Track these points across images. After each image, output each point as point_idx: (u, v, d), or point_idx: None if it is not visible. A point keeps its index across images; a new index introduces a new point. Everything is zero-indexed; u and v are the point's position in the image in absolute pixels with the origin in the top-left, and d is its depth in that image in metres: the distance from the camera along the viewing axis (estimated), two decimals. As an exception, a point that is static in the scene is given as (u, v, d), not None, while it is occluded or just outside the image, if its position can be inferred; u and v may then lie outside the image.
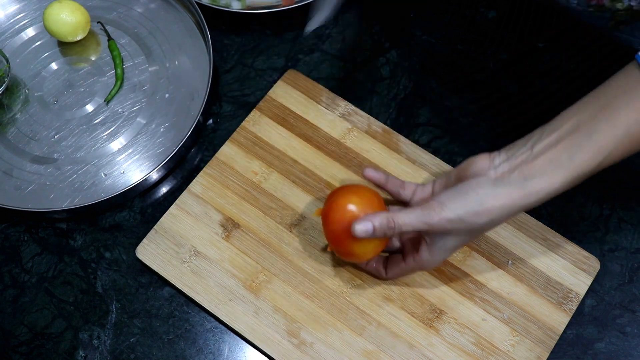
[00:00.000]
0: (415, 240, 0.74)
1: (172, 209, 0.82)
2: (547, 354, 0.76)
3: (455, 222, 0.67)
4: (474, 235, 0.71)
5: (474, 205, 0.67)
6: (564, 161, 0.66)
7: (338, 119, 0.88)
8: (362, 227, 0.69)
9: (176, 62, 0.93)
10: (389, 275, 0.77)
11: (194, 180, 0.84)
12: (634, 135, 0.65)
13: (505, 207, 0.67)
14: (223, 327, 0.78)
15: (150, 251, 0.80)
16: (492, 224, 0.68)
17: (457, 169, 0.73)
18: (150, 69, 0.93)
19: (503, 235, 0.81)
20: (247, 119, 0.87)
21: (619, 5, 0.85)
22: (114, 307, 0.80)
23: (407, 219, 0.69)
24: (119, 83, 0.91)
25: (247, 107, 0.90)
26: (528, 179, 0.66)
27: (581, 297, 0.78)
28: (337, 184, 0.84)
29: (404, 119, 0.89)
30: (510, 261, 0.80)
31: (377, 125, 0.87)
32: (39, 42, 0.95)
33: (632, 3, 0.83)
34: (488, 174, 0.68)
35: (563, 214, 0.84)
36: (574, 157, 0.66)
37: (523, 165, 0.67)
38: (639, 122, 0.64)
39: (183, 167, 0.87)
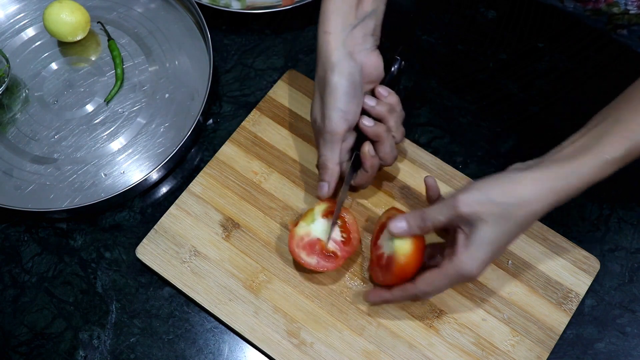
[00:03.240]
0: (452, 242, 0.71)
1: (172, 209, 0.82)
2: (547, 354, 0.76)
3: (485, 203, 0.66)
4: (510, 223, 0.67)
5: (501, 185, 0.67)
6: (592, 145, 0.66)
7: (338, 119, 0.88)
8: (397, 224, 0.70)
9: (176, 62, 0.93)
10: (420, 286, 0.70)
11: (194, 180, 0.84)
12: None
13: (534, 189, 0.66)
14: (223, 327, 0.78)
15: (150, 251, 0.80)
16: (528, 207, 0.66)
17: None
18: (150, 69, 0.93)
19: (503, 235, 0.81)
20: (247, 119, 0.87)
21: (615, 10, 0.85)
22: (114, 307, 0.80)
23: (437, 209, 0.69)
24: (119, 83, 0.91)
25: (247, 107, 0.90)
26: (556, 162, 0.67)
27: (581, 297, 0.78)
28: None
29: (404, 119, 0.89)
30: (510, 261, 0.80)
31: (377, 125, 0.87)
32: (39, 42, 0.95)
33: (629, 7, 0.83)
34: (520, 167, 0.69)
35: (563, 214, 0.84)
36: (601, 140, 0.66)
37: (551, 155, 0.68)
38: None
39: (183, 167, 0.87)
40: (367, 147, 0.75)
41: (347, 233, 0.77)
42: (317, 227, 0.78)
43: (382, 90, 0.76)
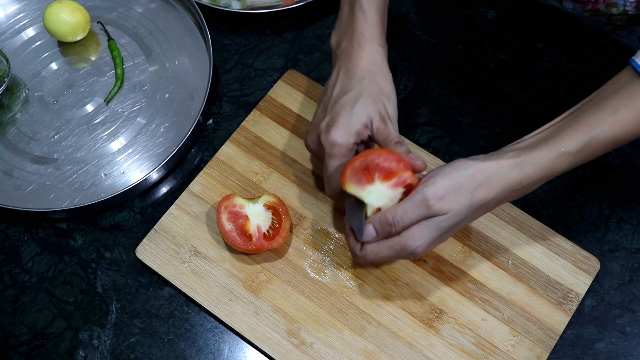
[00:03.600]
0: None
1: (172, 209, 0.82)
2: (547, 354, 0.76)
3: (451, 189, 0.66)
4: (470, 210, 0.67)
5: (465, 170, 0.67)
6: (550, 138, 0.68)
7: (338, 119, 0.88)
8: (366, 232, 0.69)
9: (176, 62, 0.93)
10: (365, 251, 0.70)
11: (194, 180, 0.84)
12: (621, 118, 0.67)
13: (493, 174, 0.67)
14: (223, 327, 0.78)
15: (150, 251, 0.80)
16: (485, 193, 0.67)
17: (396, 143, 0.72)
18: (150, 69, 0.93)
19: (503, 235, 0.81)
20: (247, 119, 0.87)
21: (614, 10, 0.85)
22: (114, 307, 0.80)
23: (405, 207, 0.67)
24: (119, 83, 0.91)
25: (247, 107, 0.90)
26: (513, 151, 0.68)
27: (581, 297, 0.78)
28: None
29: (404, 119, 0.89)
30: (510, 261, 0.80)
31: (377, 125, 0.87)
32: (39, 42, 0.95)
33: (627, 8, 0.83)
34: (478, 157, 0.70)
35: (563, 214, 0.84)
36: (559, 134, 0.68)
37: (511, 146, 0.70)
38: (628, 105, 0.67)
39: (183, 167, 0.87)
40: None
41: (276, 233, 0.78)
42: (253, 208, 0.79)
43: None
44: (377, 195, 0.70)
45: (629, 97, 0.67)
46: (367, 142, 0.75)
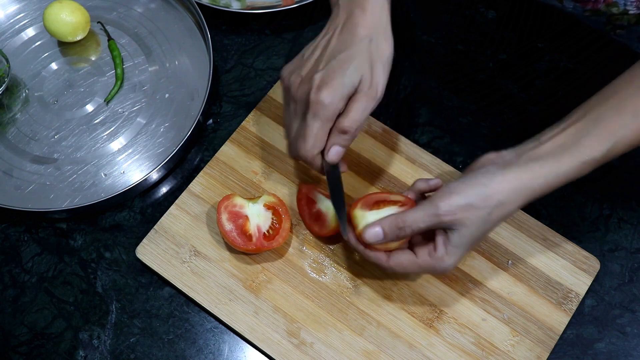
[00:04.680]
0: (428, 234, 0.71)
1: (172, 209, 0.82)
2: (547, 354, 0.76)
3: (465, 208, 0.66)
4: (488, 224, 0.68)
5: (482, 188, 0.66)
6: (571, 145, 0.66)
7: (338, 119, 0.87)
8: (372, 232, 0.69)
9: (176, 62, 0.93)
10: (392, 265, 0.71)
11: (194, 180, 0.84)
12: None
13: (513, 190, 0.66)
14: (223, 327, 0.78)
15: (150, 251, 0.80)
16: (506, 208, 0.66)
17: (467, 169, 0.71)
18: (150, 69, 0.93)
19: (503, 235, 0.81)
20: (247, 119, 0.87)
21: (614, 10, 0.85)
22: (114, 307, 0.80)
23: (416, 215, 0.67)
24: (119, 83, 0.91)
25: (247, 107, 0.90)
26: (535, 161, 0.66)
27: (581, 297, 0.78)
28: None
29: (404, 119, 0.89)
30: (510, 261, 0.80)
31: (377, 125, 0.87)
32: (39, 42, 0.95)
33: (628, 7, 0.83)
34: (496, 162, 0.68)
35: (563, 214, 0.84)
36: (580, 140, 0.66)
37: (530, 151, 0.67)
38: None
39: (183, 167, 0.87)
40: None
41: (276, 233, 0.78)
42: (253, 208, 0.79)
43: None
44: (376, 215, 0.72)
45: None
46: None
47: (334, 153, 0.70)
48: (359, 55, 0.69)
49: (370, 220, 0.71)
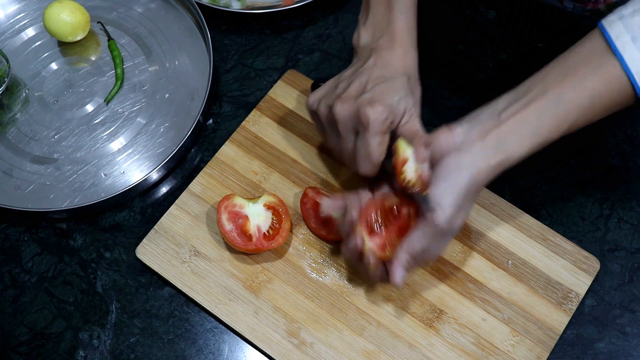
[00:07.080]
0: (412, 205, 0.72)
1: (172, 209, 0.82)
2: (547, 354, 0.76)
3: (459, 207, 0.68)
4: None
5: (464, 186, 0.67)
6: (533, 124, 0.68)
7: (338, 119, 0.87)
8: (398, 277, 0.70)
9: (176, 62, 0.93)
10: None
11: (194, 180, 0.84)
12: (596, 105, 0.67)
13: (484, 170, 0.68)
14: (223, 327, 0.78)
15: (150, 251, 0.80)
16: (486, 179, 0.69)
17: (423, 144, 0.71)
18: (150, 69, 0.93)
19: (503, 235, 0.81)
20: (247, 119, 0.87)
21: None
22: (114, 307, 0.80)
23: (422, 244, 0.69)
24: (119, 83, 0.91)
25: (247, 107, 0.90)
26: (502, 142, 0.68)
27: (581, 297, 0.78)
28: (337, 184, 0.84)
29: (404, 119, 0.89)
30: (510, 261, 0.80)
31: (377, 125, 0.87)
32: (39, 42, 0.95)
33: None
34: (459, 147, 0.69)
35: (563, 214, 0.84)
36: (541, 121, 0.67)
37: (493, 130, 0.68)
38: (602, 93, 0.66)
39: (183, 167, 0.87)
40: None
41: (276, 233, 0.78)
42: (253, 208, 0.79)
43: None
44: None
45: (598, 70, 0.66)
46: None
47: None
48: (402, 88, 0.73)
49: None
